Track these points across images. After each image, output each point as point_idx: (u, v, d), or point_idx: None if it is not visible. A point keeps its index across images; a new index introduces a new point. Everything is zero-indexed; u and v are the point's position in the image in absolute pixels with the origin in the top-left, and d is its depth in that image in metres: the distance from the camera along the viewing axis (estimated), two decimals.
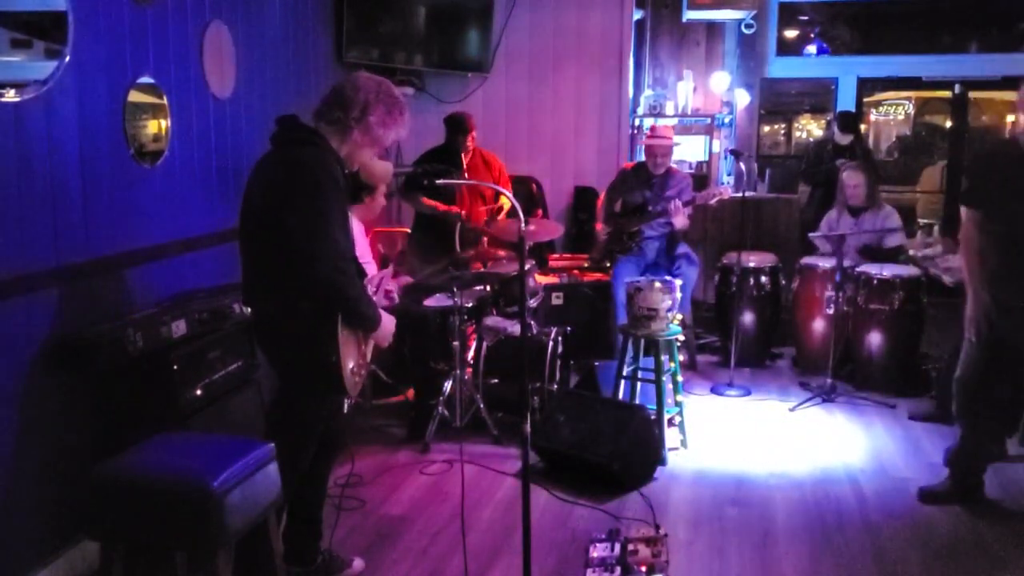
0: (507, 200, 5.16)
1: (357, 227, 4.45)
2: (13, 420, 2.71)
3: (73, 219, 2.96)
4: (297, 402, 2.78)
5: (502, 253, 4.99)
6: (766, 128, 7.80)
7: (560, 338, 4.49)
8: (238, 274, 2.84)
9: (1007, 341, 3.42)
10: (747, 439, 4.36)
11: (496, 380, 4.36)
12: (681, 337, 4.40)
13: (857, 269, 5.11)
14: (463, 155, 5.12)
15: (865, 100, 8.35)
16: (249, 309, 2.89)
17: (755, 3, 6.20)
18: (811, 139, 7.97)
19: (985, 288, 3.40)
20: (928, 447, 4.23)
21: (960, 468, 3.67)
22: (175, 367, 3.00)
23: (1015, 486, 3.75)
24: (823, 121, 7.92)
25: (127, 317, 3.03)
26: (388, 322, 2.82)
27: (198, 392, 3.10)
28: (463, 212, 5.08)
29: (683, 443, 4.19)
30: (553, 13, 6.19)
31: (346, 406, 2.90)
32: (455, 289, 4.13)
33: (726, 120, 6.72)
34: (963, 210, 3.45)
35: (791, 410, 4.77)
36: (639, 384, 4.38)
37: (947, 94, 7.93)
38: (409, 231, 5.60)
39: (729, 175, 6.70)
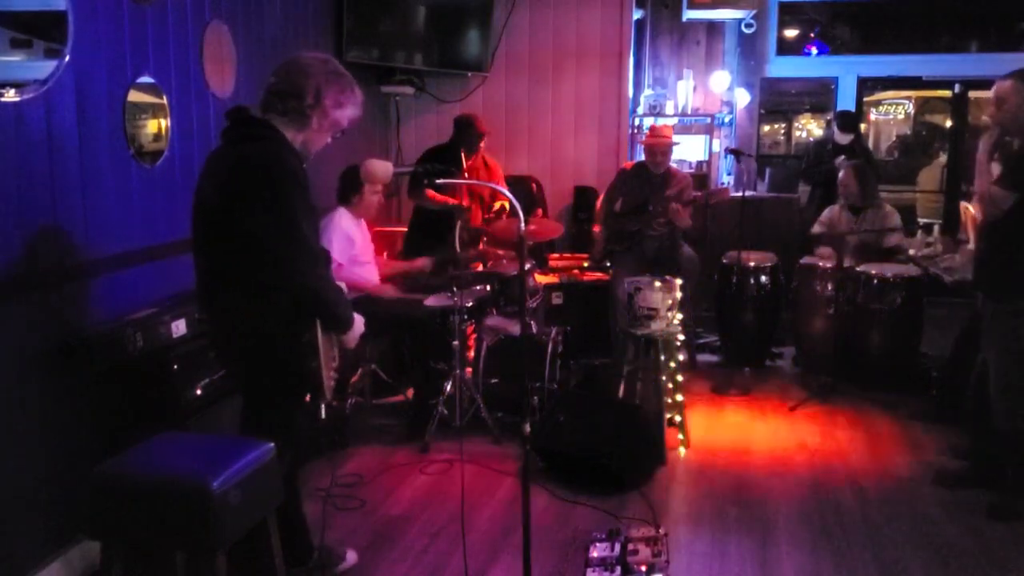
0: (506, 202, 5.16)
1: (360, 226, 4.46)
2: (13, 420, 2.71)
3: (73, 219, 2.96)
4: (274, 411, 2.65)
5: (502, 253, 4.99)
6: (766, 128, 7.82)
7: (560, 338, 4.49)
8: None
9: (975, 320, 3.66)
10: (747, 438, 4.35)
11: (496, 380, 4.36)
12: (681, 337, 4.40)
13: (857, 269, 5.11)
14: (465, 156, 5.11)
15: (865, 100, 8.35)
16: (206, 317, 2.71)
17: (755, 3, 6.20)
18: (811, 139, 7.99)
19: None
20: (928, 447, 4.23)
21: (977, 456, 3.74)
22: (175, 367, 3.00)
23: None
24: (823, 121, 7.93)
25: (127, 317, 3.03)
26: (358, 322, 2.72)
27: (198, 392, 3.10)
28: (467, 204, 5.06)
29: (683, 443, 4.19)
30: (553, 13, 6.19)
31: (323, 410, 2.86)
32: (455, 289, 4.13)
33: (726, 120, 6.72)
34: None
35: (791, 410, 4.77)
36: (639, 384, 4.38)
37: (947, 94, 7.93)
38: (406, 231, 5.59)
39: (729, 175, 6.70)
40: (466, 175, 5.03)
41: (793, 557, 3.16)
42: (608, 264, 5.42)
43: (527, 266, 4.38)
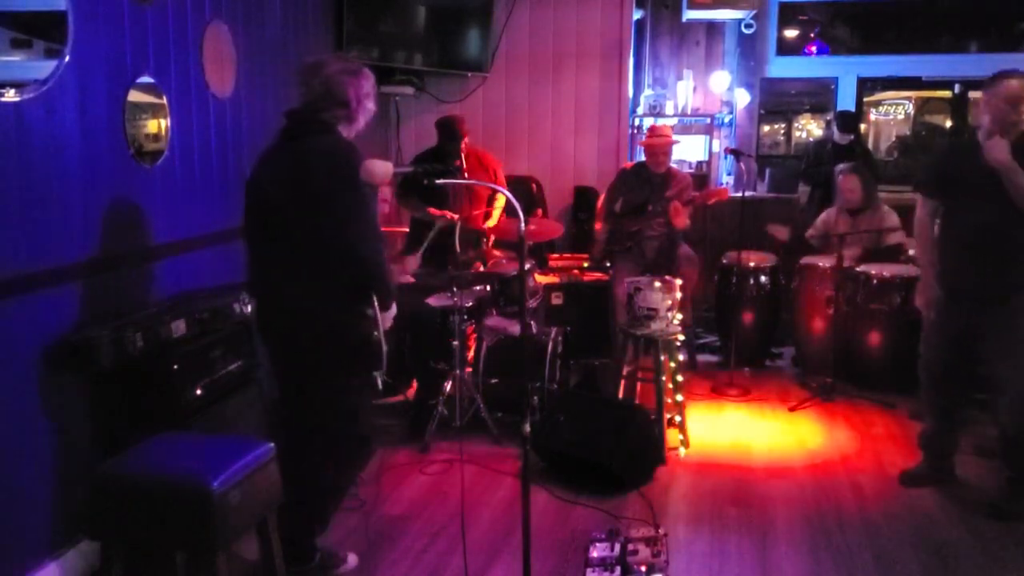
0: (503, 199, 5.14)
1: None
2: (14, 420, 2.71)
3: (73, 219, 2.96)
4: (340, 392, 2.85)
5: (502, 253, 4.98)
6: (766, 128, 7.80)
7: (560, 338, 4.49)
8: (238, 274, 2.84)
9: (950, 327, 3.57)
10: (747, 439, 4.36)
11: (496, 380, 4.36)
12: (681, 337, 4.40)
13: (857, 269, 5.11)
14: (458, 158, 5.08)
15: (865, 100, 8.34)
16: (260, 303, 2.93)
17: (755, 3, 6.19)
18: (811, 139, 7.97)
19: (932, 273, 3.63)
20: None
21: (931, 451, 3.79)
22: (175, 367, 3.01)
23: None
24: (823, 121, 7.92)
25: (127, 317, 3.03)
26: (393, 304, 2.93)
27: (198, 392, 3.10)
28: (456, 218, 5.01)
29: (683, 443, 4.19)
30: (553, 13, 6.19)
31: (379, 382, 2.94)
32: (455, 289, 4.13)
33: (726, 120, 6.72)
34: (918, 199, 3.71)
35: (791, 410, 4.77)
36: (639, 384, 4.38)
37: (947, 94, 7.92)
38: (407, 231, 5.59)
39: (729, 175, 6.70)
40: (465, 175, 5.01)
41: (792, 557, 3.16)
42: (608, 264, 5.42)
43: (527, 266, 4.38)
